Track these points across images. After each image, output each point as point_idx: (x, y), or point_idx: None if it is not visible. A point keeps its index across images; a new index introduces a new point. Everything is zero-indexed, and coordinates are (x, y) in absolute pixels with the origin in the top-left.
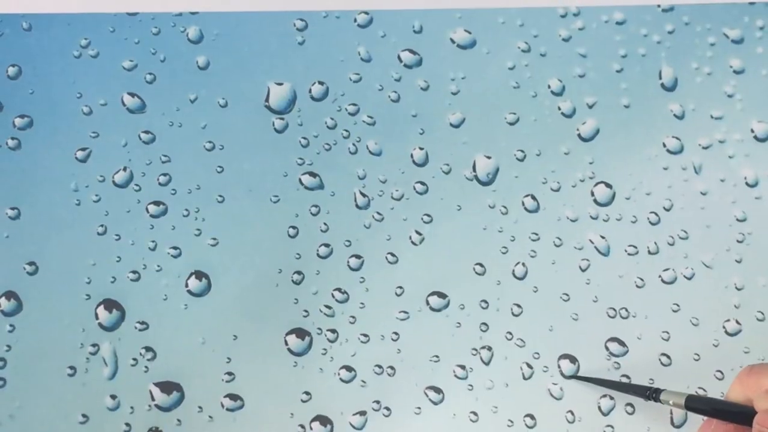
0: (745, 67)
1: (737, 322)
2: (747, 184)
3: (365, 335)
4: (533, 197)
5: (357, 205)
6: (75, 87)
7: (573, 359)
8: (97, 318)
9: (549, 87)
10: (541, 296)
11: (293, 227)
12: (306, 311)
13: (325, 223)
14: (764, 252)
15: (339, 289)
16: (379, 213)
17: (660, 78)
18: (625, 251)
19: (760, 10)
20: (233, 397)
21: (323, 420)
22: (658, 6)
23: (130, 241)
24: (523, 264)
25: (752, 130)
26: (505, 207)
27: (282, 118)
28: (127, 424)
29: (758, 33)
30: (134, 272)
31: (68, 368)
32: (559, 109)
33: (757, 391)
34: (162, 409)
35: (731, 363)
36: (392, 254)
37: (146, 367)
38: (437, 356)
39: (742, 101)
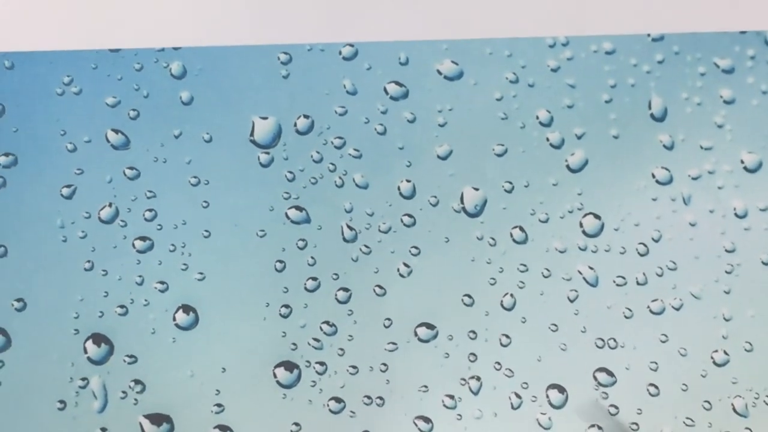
0: (736, 97)
1: (725, 352)
2: (736, 215)
3: (354, 367)
4: (521, 229)
5: (344, 239)
6: (59, 124)
7: (561, 389)
8: (85, 352)
9: (537, 118)
10: (529, 327)
11: (280, 261)
12: (294, 344)
13: (312, 257)
14: (753, 283)
15: (327, 322)
16: (366, 246)
17: (649, 108)
18: (614, 282)
19: (751, 39)
20: (223, 428)
21: None
22: (648, 35)
23: (117, 277)
24: (512, 295)
25: (742, 161)
26: (493, 238)
27: (267, 153)
28: None
29: (749, 62)
30: (122, 307)
31: (58, 402)
32: (548, 140)
33: None
34: None
35: (719, 393)
36: (380, 287)
37: (136, 399)
38: (426, 386)
39: (732, 131)
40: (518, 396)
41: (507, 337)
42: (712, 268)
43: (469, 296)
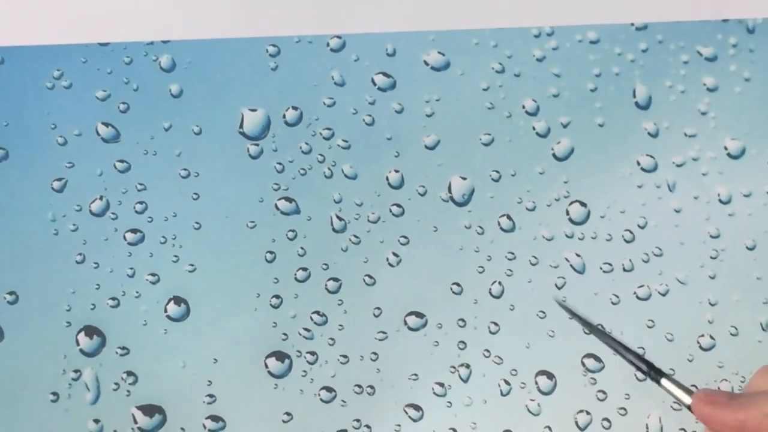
0: (719, 84)
1: (711, 337)
2: (720, 201)
3: (344, 356)
4: (509, 217)
5: (334, 229)
6: (49, 118)
7: (550, 375)
8: (78, 344)
9: (523, 107)
10: (517, 314)
11: (270, 252)
12: (285, 334)
13: (302, 248)
14: (737, 268)
15: (317, 312)
16: (355, 236)
17: (634, 96)
18: (601, 269)
19: (733, 27)
20: (215, 418)
21: None
22: (632, 24)
23: (108, 269)
24: (500, 283)
25: (725, 148)
26: (481, 227)
27: (257, 144)
28: None
29: (731, 50)
30: (114, 299)
31: (51, 394)
32: (534, 129)
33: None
34: None
35: (705, 378)
36: (370, 276)
37: (128, 391)
38: (416, 374)
39: (715, 119)
40: (507, 383)
41: (496, 324)
42: (697, 253)
43: (458, 284)
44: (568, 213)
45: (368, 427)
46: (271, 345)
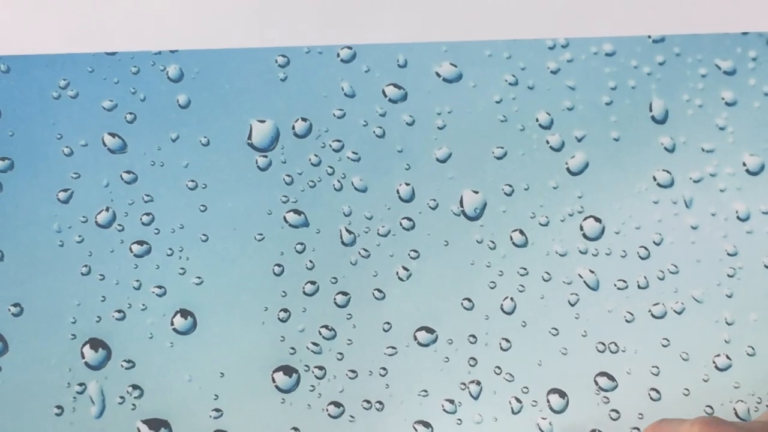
0: (737, 99)
1: (727, 357)
2: (738, 218)
3: (353, 371)
4: (521, 232)
5: (343, 242)
6: (55, 128)
7: (562, 394)
8: (83, 357)
9: (537, 120)
10: (529, 331)
11: (278, 265)
12: (293, 348)
13: (310, 261)
14: (755, 287)
15: (326, 326)
16: (365, 249)
17: (650, 110)
18: (615, 286)
19: (753, 40)
20: None
21: None
22: (649, 36)
23: (114, 281)
24: (512, 299)
25: (744, 164)
26: (493, 242)
27: (265, 156)
28: None
29: (751, 64)
30: (119, 311)
31: (55, 408)
32: (548, 142)
33: None
34: None
35: (721, 398)
36: (379, 290)
37: (133, 404)
38: (426, 391)
39: (733, 134)
40: (518, 400)
41: (507, 341)
42: (714, 271)
43: (469, 300)
44: (582, 228)
45: None
46: (278, 359)
